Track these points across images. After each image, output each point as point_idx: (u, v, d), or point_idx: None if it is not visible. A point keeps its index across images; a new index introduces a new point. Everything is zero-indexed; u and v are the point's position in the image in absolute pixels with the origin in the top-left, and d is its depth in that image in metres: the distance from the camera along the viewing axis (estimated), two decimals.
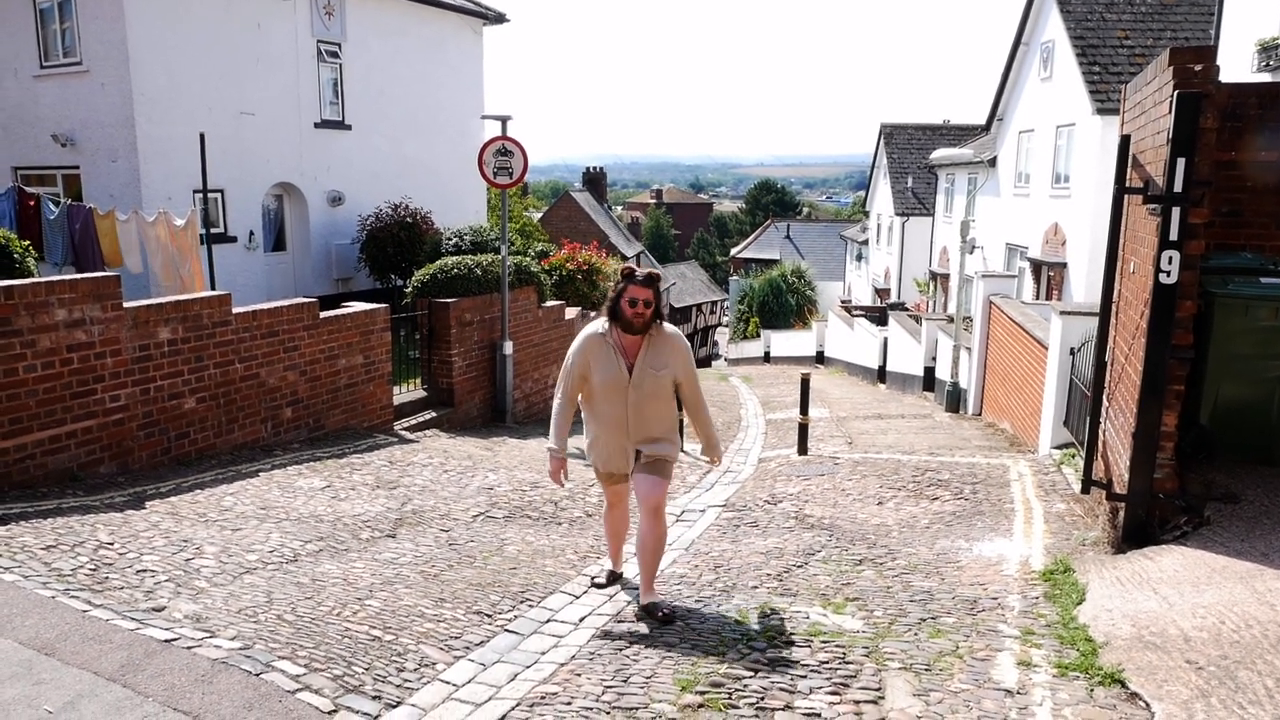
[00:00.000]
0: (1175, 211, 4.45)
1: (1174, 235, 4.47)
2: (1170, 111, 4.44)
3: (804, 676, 3.60)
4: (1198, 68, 4.49)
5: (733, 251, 64.02)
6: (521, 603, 4.45)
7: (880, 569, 5.06)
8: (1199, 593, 3.88)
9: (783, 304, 39.74)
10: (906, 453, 9.09)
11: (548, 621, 4.25)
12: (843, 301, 35.68)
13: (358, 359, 8.57)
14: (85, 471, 6.09)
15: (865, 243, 39.83)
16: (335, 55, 16.71)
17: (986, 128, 22.97)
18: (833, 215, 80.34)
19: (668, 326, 4.38)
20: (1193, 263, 4.56)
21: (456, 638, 3.95)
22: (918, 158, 31.76)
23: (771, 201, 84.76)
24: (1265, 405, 5.08)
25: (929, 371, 16.97)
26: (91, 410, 6.11)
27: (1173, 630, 3.58)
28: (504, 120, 11.03)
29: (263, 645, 3.58)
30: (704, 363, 40.69)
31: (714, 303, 55.63)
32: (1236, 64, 9.79)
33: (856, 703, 3.35)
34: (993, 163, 22.17)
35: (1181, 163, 4.39)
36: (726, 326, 51.91)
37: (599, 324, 4.31)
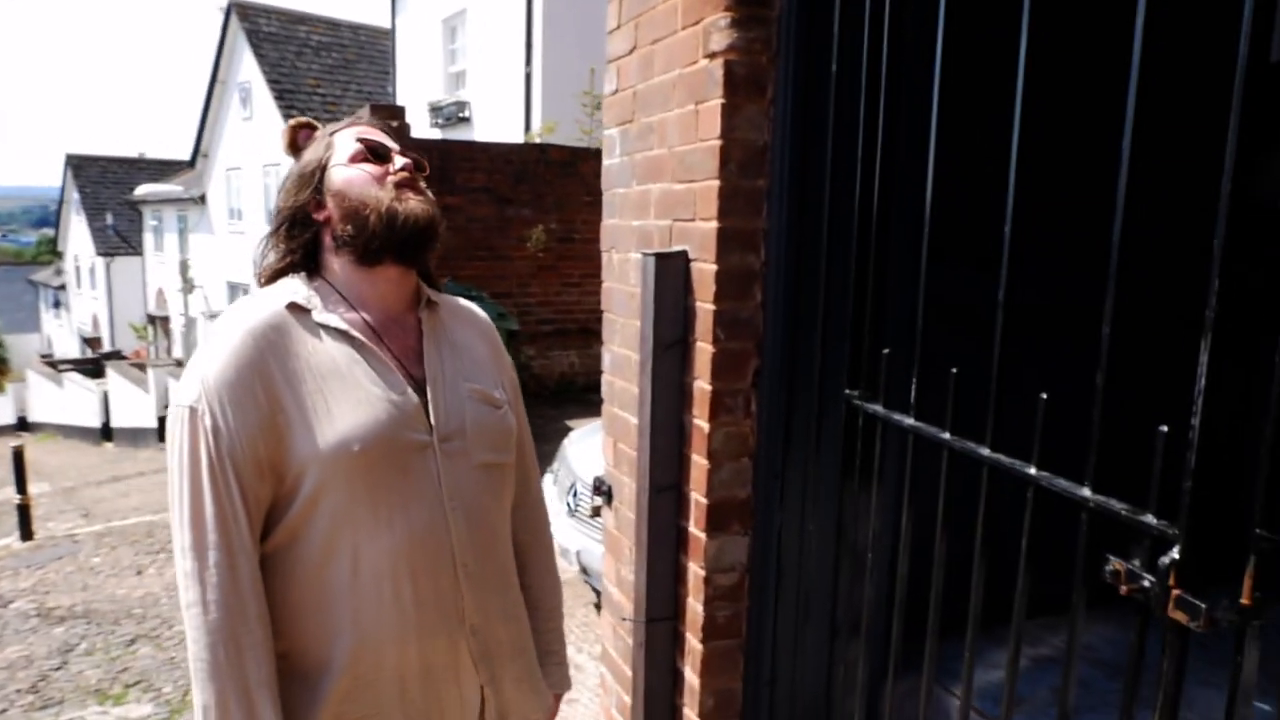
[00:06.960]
0: None
1: None
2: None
3: None
4: (395, 123, 5.20)
5: None
6: None
7: (158, 642, 4.59)
8: None
9: None
10: (157, 511, 8.36)
11: None
12: (43, 356, 30.48)
13: None
14: None
15: (63, 287, 34.72)
16: None
17: (192, 163, 22.28)
18: (14, 257, 67.76)
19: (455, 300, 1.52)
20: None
21: None
22: (116, 192, 28.92)
23: None
24: None
25: (163, 421, 15.82)
26: None
27: None
28: None
29: None
30: None
31: None
32: (420, 120, 11.56)
33: None
34: (203, 199, 21.64)
35: None
36: None
37: (272, 296, 1.25)
